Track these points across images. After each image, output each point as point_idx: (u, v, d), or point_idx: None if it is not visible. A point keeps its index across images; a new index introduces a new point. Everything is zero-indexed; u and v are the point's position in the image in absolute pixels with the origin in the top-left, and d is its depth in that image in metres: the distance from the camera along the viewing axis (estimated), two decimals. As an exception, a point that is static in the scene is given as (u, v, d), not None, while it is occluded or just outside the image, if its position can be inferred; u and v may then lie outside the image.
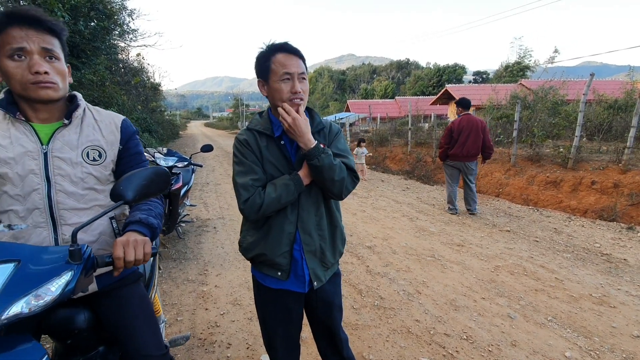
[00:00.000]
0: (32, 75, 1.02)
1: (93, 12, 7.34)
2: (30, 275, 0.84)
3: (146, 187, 1.02)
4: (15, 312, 0.79)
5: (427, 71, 44.84)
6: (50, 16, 1.06)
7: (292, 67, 1.26)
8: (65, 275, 0.87)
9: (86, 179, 1.16)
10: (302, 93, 1.28)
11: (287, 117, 1.25)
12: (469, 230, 4.87)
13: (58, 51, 1.08)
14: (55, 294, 0.85)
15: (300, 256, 1.38)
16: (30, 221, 1.10)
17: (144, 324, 1.25)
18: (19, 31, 1.00)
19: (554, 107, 10.62)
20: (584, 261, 3.80)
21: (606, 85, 18.43)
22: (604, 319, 2.68)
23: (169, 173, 1.14)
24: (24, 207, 1.09)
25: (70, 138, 1.14)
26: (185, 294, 3.07)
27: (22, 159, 1.07)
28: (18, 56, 1.01)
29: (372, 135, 14.11)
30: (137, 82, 11.65)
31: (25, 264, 0.85)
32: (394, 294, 3.05)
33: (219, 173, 9.87)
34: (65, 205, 1.13)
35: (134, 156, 1.28)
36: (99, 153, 1.18)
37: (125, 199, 0.98)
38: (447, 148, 5.51)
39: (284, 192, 1.28)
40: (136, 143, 1.31)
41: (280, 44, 1.29)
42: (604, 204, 5.56)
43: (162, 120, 20.05)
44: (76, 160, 1.14)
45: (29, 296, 0.82)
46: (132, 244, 1.01)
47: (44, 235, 1.11)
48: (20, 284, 0.82)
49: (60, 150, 1.12)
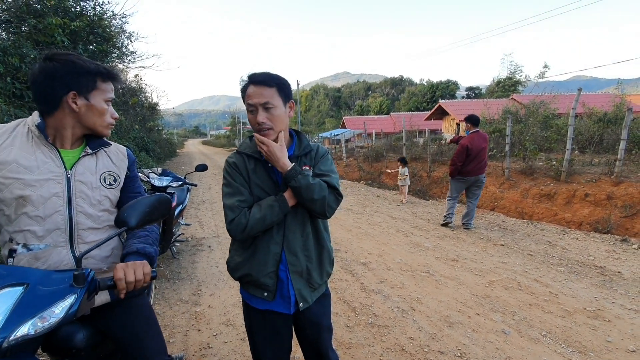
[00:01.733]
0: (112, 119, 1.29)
1: (92, 36, 7.50)
2: (37, 298, 0.89)
3: (149, 214, 1.09)
4: (22, 334, 0.84)
5: (420, 87, 45.69)
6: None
7: (254, 98, 1.31)
8: (69, 298, 0.92)
9: (103, 201, 1.27)
10: (267, 122, 1.32)
11: (262, 146, 1.32)
12: (463, 244, 4.87)
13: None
14: (59, 317, 0.89)
15: (286, 277, 1.39)
16: (49, 240, 1.16)
17: (150, 334, 1.33)
18: (108, 85, 1.26)
19: (546, 121, 10.81)
20: (578, 274, 3.80)
21: (596, 98, 18.80)
22: (599, 333, 2.68)
23: (171, 200, 1.20)
24: (42, 228, 1.15)
25: (90, 164, 1.26)
26: (178, 315, 3.04)
27: (47, 182, 1.15)
28: (106, 103, 1.25)
29: (368, 150, 14.23)
30: (134, 103, 11.79)
31: (33, 287, 0.90)
32: (388, 311, 3.03)
33: (215, 191, 9.88)
34: (83, 225, 1.21)
35: (133, 179, 1.41)
36: (114, 178, 1.31)
37: (129, 226, 1.05)
38: (462, 166, 5.44)
39: (268, 213, 1.31)
40: (134, 168, 1.44)
41: (249, 75, 1.35)
42: (598, 216, 5.60)
43: (160, 139, 20.17)
44: (95, 184, 1.25)
45: (35, 318, 0.86)
46: (131, 266, 1.09)
47: (63, 253, 1.18)
48: (28, 307, 0.87)
49: (83, 175, 1.22)
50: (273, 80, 1.33)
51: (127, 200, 1.33)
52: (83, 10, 7.49)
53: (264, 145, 1.32)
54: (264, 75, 1.34)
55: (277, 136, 1.36)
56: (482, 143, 5.41)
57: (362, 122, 24.42)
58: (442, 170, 9.60)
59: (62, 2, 6.59)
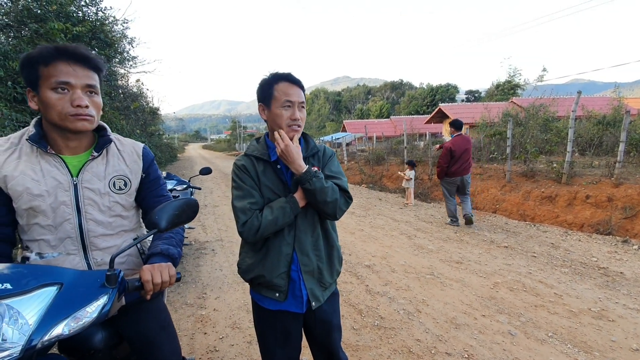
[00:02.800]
0: (74, 108, 1.07)
1: (94, 42, 7.54)
2: (71, 298, 0.89)
3: (177, 217, 1.10)
4: (57, 334, 0.85)
5: (420, 91, 45.83)
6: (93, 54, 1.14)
7: (294, 96, 1.35)
8: (102, 298, 0.93)
9: (113, 207, 1.22)
10: (300, 120, 1.37)
11: (280, 142, 1.33)
12: (467, 247, 4.88)
13: (98, 87, 1.15)
14: (92, 317, 0.90)
15: (298, 277, 1.41)
16: (62, 249, 1.15)
17: (166, 336, 1.33)
18: (66, 66, 1.06)
19: (545, 124, 10.85)
20: (582, 275, 3.81)
21: (594, 101, 18.90)
22: (603, 333, 2.69)
23: (198, 203, 1.21)
24: (55, 237, 1.14)
25: (98, 169, 1.20)
26: (184, 318, 3.05)
27: (55, 191, 1.13)
28: (62, 89, 1.06)
29: (369, 154, 14.27)
30: (136, 107, 11.82)
31: (67, 287, 0.90)
32: (394, 313, 3.04)
33: (217, 195, 9.89)
34: (95, 233, 1.19)
35: (154, 181, 1.35)
36: (124, 182, 1.25)
37: (159, 228, 1.05)
38: (447, 167, 5.77)
39: (280, 215, 1.33)
40: (155, 168, 1.38)
41: (284, 74, 1.39)
42: (599, 218, 5.62)
43: (161, 144, 20.19)
44: (104, 190, 1.20)
45: (69, 318, 0.87)
46: (157, 268, 1.09)
47: (76, 261, 1.17)
48: (62, 307, 0.87)
49: (90, 182, 1.17)
50: (301, 84, 1.40)
51: (153, 205, 1.30)
52: (85, 15, 7.54)
53: (282, 144, 1.32)
54: (296, 77, 1.39)
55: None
56: (465, 145, 5.72)
57: (363, 125, 24.49)
58: (443, 173, 9.63)
59: (64, 8, 6.63)
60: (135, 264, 1.30)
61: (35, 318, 0.83)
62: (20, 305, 0.83)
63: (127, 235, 1.28)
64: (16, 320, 0.82)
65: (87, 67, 1.10)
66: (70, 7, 6.97)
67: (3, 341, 0.79)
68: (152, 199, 1.33)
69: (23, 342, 0.80)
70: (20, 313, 0.82)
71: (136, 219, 1.34)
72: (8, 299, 0.83)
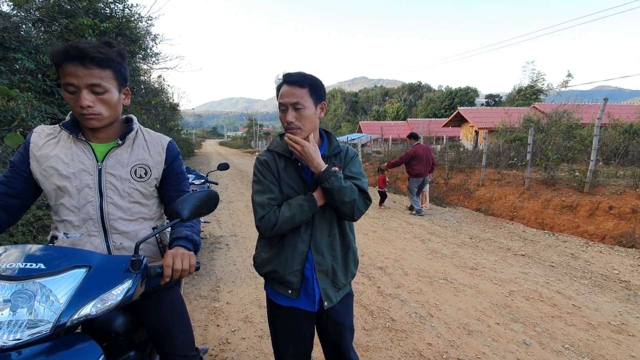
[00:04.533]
0: (79, 108, 1.12)
1: (120, 38, 7.75)
2: (99, 280, 0.94)
3: (199, 208, 1.14)
4: (85, 313, 0.89)
5: (439, 94, 45.21)
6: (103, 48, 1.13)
7: (285, 98, 1.34)
8: (127, 282, 0.97)
9: (132, 193, 1.27)
10: (295, 122, 1.34)
11: (295, 145, 1.33)
12: (482, 253, 4.80)
13: (106, 84, 1.14)
14: (118, 299, 0.95)
15: (312, 275, 1.41)
16: (84, 230, 1.22)
17: (181, 326, 1.37)
18: (71, 67, 1.09)
19: (569, 131, 10.54)
20: (602, 288, 3.69)
21: (621, 109, 18.23)
22: (622, 348, 2.60)
23: (218, 196, 1.25)
24: (78, 217, 1.21)
25: (122, 157, 1.26)
26: (198, 309, 3.11)
27: (81, 174, 1.20)
28: (70, 91, 1.11)
29: (384, 156, 14.17)
30: (157, 102, 12.09)
31: (96, 270, 0.95)
32: (406, 316, 3.02)
33: (232, 191, 10.02)
34: (114, 216, 1.24)
35: (177, 176, 1.39)
36: (145, 171, 1.29)
37: (182, 218, 1.09)
38: (398, 164, 7.49)
39: (298, 212, 1.33)
40: (179, 164, 1.41)
41: (284, 75, 1.38)
42: (622, 230, 5.43)
43: (179, 139, 20.59)
44: (125, 176, 1.25)
45: (96, 299, 0.91)
46: (180, 255, 1.12)
47: (97, 242, 1.23)
48: (91, 288, 0.92)
49: (113, 168, 1.24)
50: (306, 81, 1.35)
51: (171, 198, 1.34)
52: (112, 12, 7.77)
53: (298, 146, 1.32)
54: (298, 75, 1.36)
55: (307, 136, 1.37)
56: (426, 151, 7.21)
57: (379, 127, 24.34)
58: (460, 178, 9.48)
59: (92, 4, 6.85)
60: (152, 251, 1.35)
61: (65, 297, 0.88)
62: (52, 284, 0.88)
63: (146, 224, 1.33)
64: (48, 299, 0.86)
65: (91, 65, 1.10)
66: (99, 3, 7.19)
67: (35, 318, 0.84)
68: (173, 193, 1.37)
69: (54, 319, 0.85)
70: (52, 292, 0.87)
71: (156, 209, 1.38)
72: (41, 278, 0.88)
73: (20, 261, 0.90)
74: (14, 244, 3.36)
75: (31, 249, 0.96)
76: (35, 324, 0.83)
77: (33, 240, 3.31)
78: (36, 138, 1.21)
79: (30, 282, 0.86)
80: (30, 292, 0.85)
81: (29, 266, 0.88)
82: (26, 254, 0.93)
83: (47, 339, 0.85)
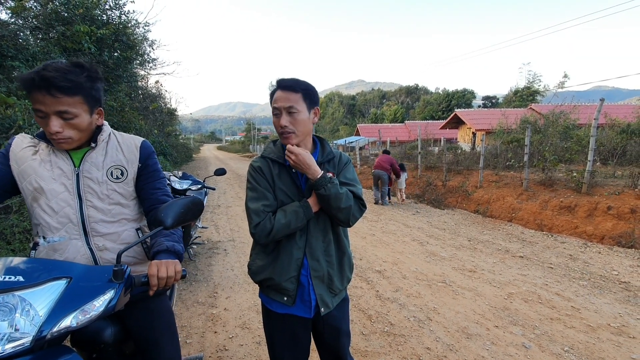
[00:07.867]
0: (49, 133, 1.13)
1: (117, 44, 7.76)
2: (79, 291, 0.93)
3: (183, 215, 1.13)
4: (65, 325, 0.88)
5: (436, 96, 45.35)
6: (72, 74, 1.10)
7: (279, 102, 1.34)
8: (109, 292, 0.96)
9: (111, 195, 1.29)
10: (290, 126, 1.34)
11: (291, 155, 1.33)
12: (480, 255, 4.79)
13: (74, 110, 1.13)
14: (99, 310, 0.93)
15: (308, 282, 1.40)
16: (63, 233, 1.22)
17: (168, 337, 1.36)
18: (38, 95, 1.08)
19: (566, 132, 10.57)
20: (601, 289, 3.68)
21: (618, 109, 18.30)
22: (623, 350, 2.58)
23: (203, 202, 1.24)
24: (55, 220, 1.21)
25: (97, 160, 1.27)
26: (195, 316, 3.08)
27: (60, 178, 1.22)
28: (39, 116, 1.12)
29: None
30: (154, 108, 12.12)
31: (76, 281, 0.94)
32: (404, 320, 3.00)
33: (230, 196, 10.00)
34: (95, 219, 1.25)
35: (152, 173, 1.39)
36: (121, 171, 1.30)
37: (165, 226, 1.08)
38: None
39: (293, 218, 1.32)
40: (154, 162, 1.41)
41: (277, 80, 1.38)
42: (621, 230, 5.42)
43: (177, 144, 20.60)
44: (102, 179, 1.27)
45: (77, 311, 0.90)
46: (164, 264, 1.13)
47: (79, 245, 1.23)
48: (71, 300, 0.91)
49: (89, 171, 1.25)
50: (299, 86, 1.35)
51: (147, 196, 1.34)
52: (109, 18, 7.79)
53: (293, 156, 1.32)
54: (291, 80, 1.36)
55: (299, 141, 1.37)
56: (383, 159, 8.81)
57: (377, 130, 24.39)
58: (457, 180, 9.48)
59: (89, 11, 6.86)
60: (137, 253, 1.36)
61: (45, 310, 0.86)
62: (31, 297, 0.86)
63: (129, 225, 1.33)
64: (28, 312, 0.85)
65: (58, 93, 1.08)
66: (96, 10, 7.21)
67: (16, 331, 0.82)
68: (149, 190, 1.36)
69: (34, 332, 0.83)
70: (31, 305, 0.85)
71: (138, 209, 1.39)
72: (20, 290, 0.86)
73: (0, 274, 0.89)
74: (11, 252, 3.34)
75: (12, 262, 0.95)
76: (16, 337, 0.82)
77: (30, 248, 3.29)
78: (19, 142, 1.25)
79: (10, 294, 0.85)
80: (10, 305, 0.84)
81: (7, 279, 0.87)
82: (6, 266, 0.92)
83: (30, 351, 0.83)
